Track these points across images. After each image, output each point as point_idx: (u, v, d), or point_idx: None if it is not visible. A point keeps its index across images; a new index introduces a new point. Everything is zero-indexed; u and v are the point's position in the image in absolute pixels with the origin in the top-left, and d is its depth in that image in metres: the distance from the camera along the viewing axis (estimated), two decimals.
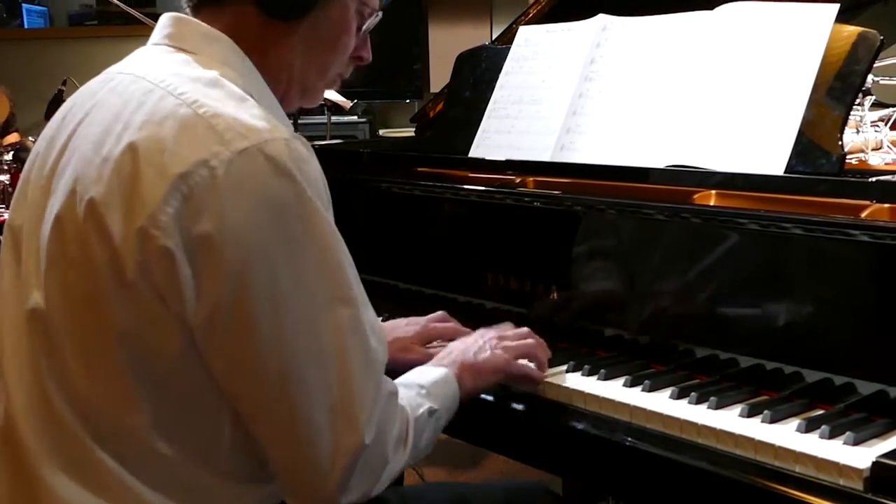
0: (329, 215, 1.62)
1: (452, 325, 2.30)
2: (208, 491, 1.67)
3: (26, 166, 1.81)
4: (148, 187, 1.52)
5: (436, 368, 1.97)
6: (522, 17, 3.08)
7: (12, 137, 6.81)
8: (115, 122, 1.61)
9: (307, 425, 1.59)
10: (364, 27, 1.89)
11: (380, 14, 1.93)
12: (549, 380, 2.08)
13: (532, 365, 2.09)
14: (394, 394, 1.73)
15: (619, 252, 2.25)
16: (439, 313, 2.32)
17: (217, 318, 1.53)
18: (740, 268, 2.01)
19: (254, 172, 1.52)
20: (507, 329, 2.13)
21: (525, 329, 2.13)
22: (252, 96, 1.68)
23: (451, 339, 2.24)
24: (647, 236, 2.19)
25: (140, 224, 1.51)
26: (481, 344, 2.06)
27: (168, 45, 1.76)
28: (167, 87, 1.63)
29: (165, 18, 1.80)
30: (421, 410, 1.81)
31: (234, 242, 1.50)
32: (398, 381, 1.85)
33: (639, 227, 2.21)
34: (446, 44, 7.99)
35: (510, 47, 2.79)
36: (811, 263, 1.91)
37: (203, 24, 1.76)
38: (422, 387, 1.87)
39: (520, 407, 2.08)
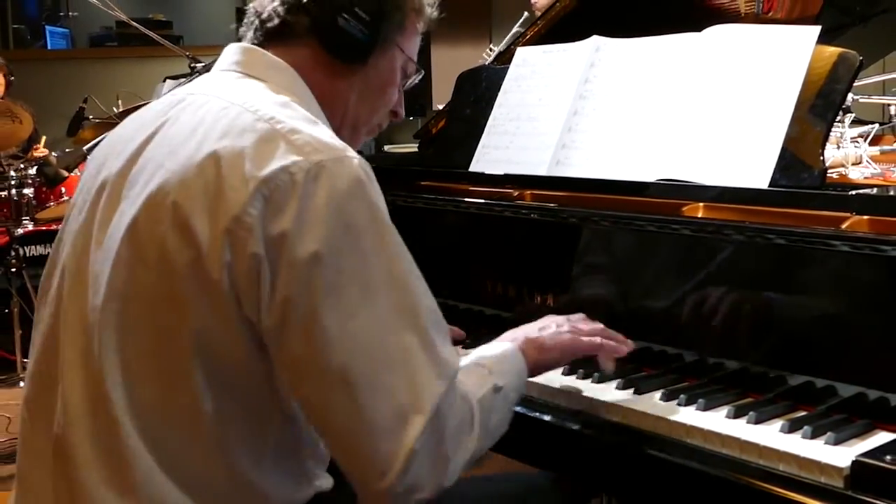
0: (396, 232, 1.65)
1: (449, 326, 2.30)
2: (246, 493, 1.67)
3: (87, 172, 1.83)
4: (232, 191, 1.55)
5: (498, 345, 1.93)
6: (520, 39, 3.09)
7: (41, 152, 6.83)
8: (193, 134, 1.65)
9: (369, 428, 1.55)
10: (405, 83, 1.99)
11: (421, 73, 2.01)
12: (542, 383, 2.08)
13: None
14: (453, 393, 1.65)
15: (611, 261, 2.25)
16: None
17: (287, 318, 1.54)
18: (727, 276, 2.01)
19: (330, 182, 1.55)
20: (576, 316, 2.07)
21: (583, 315, 2.08)
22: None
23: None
24: (638, 247, 2.19)
25: (226, 226, 1.54)
26: (547, 323, 2.02)
27: (237, 72, 1.81)
28: (244, 105, 1.67)
29: (234, 47, 1.86)
30: (484, 391, 1.75)
31: (308, 242, 1.52)
32: (462, 361, 1.81)
33: (630, 238, 2.21)
34: (448, 64, 7.98)
35: (508, 67, 2.79)
36: (794, 273, 1.91)
37: (271, 55, 1.83)
38: (482, 366, 1.82)
39: (519, 410, 2.08)
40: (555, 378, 2.10)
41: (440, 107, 3.39)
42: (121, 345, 1.62)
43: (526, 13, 5.36)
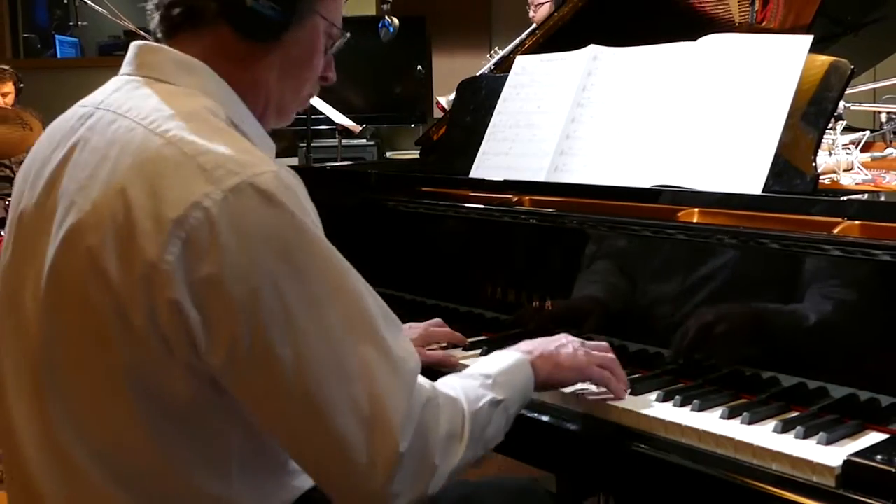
0: (324, 238, 1.55)
1: (448, 330, 2.31)
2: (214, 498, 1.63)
3: (12, 199, 1.74)
4: (144, 235, 1.45)
5: (509, 355, 1.87)
6: (520, 48, 3.09)
7: None
8: (102, 165, 1.54)
9: (341, 442, 1.50)
10: (331, 48, 1.83)
11: (346, 35, 1.86)
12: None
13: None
14: (432, 398, 1.61)
15: (608, 266, 2.25)
16: (436, 320, 2.34)
17: (237, 355, 1.46)
18: (721, 280, 2.02)
19: (247, 208, 1.46)
20: (596, 343, 2.03)
21: (605, 344, 2.04)
22: (234, 123, 1.63)
23: (447, 343, 2.25)
24: (634, 251, 2.19)
25: (141, 272, 1.45)
26: (564, 342, 1.95)
27: (142, 77, 1.68)
28: (150, 126, 1.55)
29: (134, 48, 1.72)
30: (482, 403, 1.70)
31: (239, 280, 1.44)
32: (465, 372, 1.79)
33: (627, 243, 2.21)
34: (448, 72, 8.01)
35: (508, 75, 2.79)
36: (787, 276, 1.91)
37: (176, 51, 1.69)
38: (487, 377, 1.76)
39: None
40: None
41: (442, 98, 3.38)
42: (60, 385, 1.57)
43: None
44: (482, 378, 1.75)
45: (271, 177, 1.49)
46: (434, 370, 1.80)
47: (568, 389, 2.01)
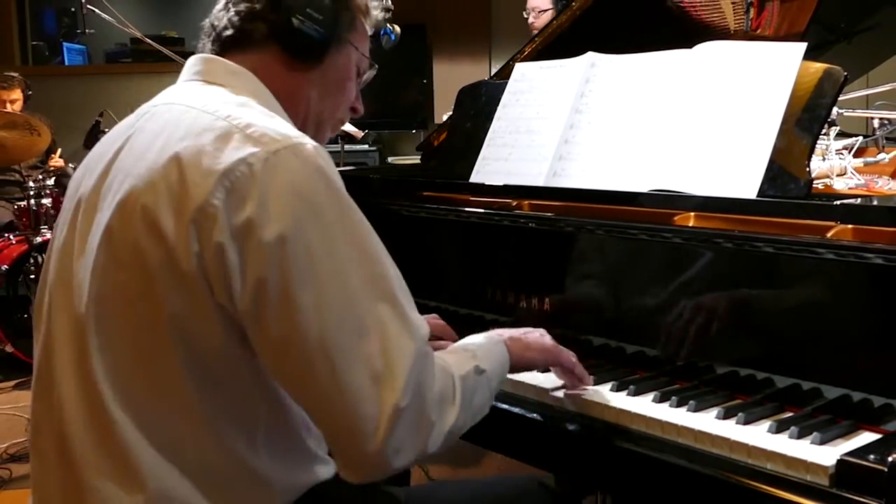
0: (357, 209, 1.65)
1: (442, 322, 2.34)
2: (246, 477, 1.69)
3: (68, 193, 1.85)
4: (194, 186, 1.57)
5: (483, 335, 1.95)
6: (519, 55, 3.09)
7: (58, 162, 6.84)
8: (156, 140, 1.67)
9: (352, 396, 1.56)
10: (361, 80, 2.00)
11: (375, 69, 2.03)
12: (540, 384, 2.09)
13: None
14: (427, 355, 1.66)
15: (606, 269, 2.25)
16: (432, 315, 2.35)
17: (261, 297, 1.54)
18: (716, 283, 2.02)
19: (288, 168, 1.57)
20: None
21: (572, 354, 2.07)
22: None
23: (442, 336, 2.27)
24: (631, 255, 2.19)
25: (191, 217, 1.56)
26: (530, 330, 2.04)
27: (198, 81, 1.83)
28: (203, 108, 1.70)
29: (194, 59, 1.88)
30: (467, 369, 1.77)
31: (273, 225, 1.53)
32: (447, 349, 1.87)
33: (624, 247, 2.21)
34: (449, 79, 8.01)
35: (507, 82, 2.79)
36: (781, 279, 1.92)
37: (229, 62, 1.84)
38: (468, 350, 1.85)
39: (515, 409, 2.09)
40: (552, 380, 2.10)
41: (447, 115, 3.39)
42: (106, 344, 1.64)
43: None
44: (464, 351, 1.84)
45: (311, 148, 1.63)
46: None
47: (549, 386, 2.05)
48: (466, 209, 2.60)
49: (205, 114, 1.68)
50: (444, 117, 3.40)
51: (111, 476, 1.63)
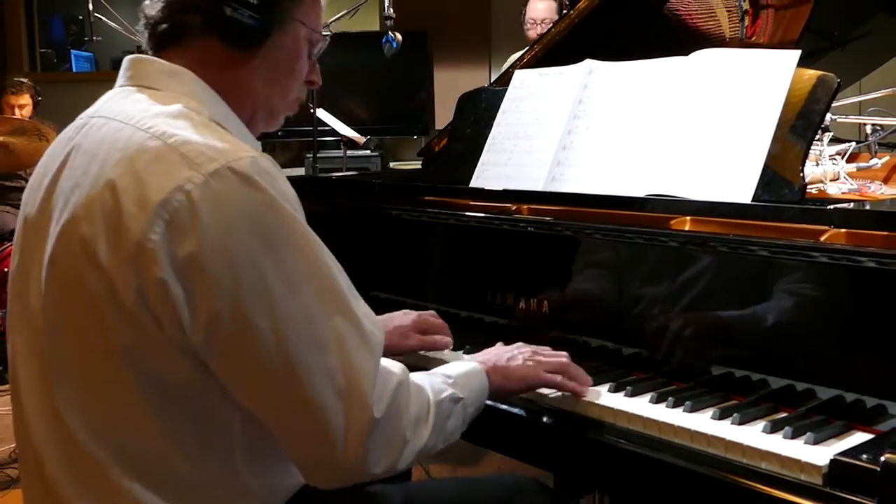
0: (303, 219, 1.59)
1: (441, 321, 2.33)
2: (227, 490, 1.66)
3: (20, 215, 1.78)
4: (130, 218, 1.50)
5: (466, 363, 1.94)
6: (518, 62, 3.10)
7: None
8: (93, 163, 1.59)
9: (320, 411, 1.55)
10: (314, 52, 1.87)
11: (328, 39, 1.89)
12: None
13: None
14: (404, 378, 1.68)
15: (603, 272, 2.25)
16: (430, 311, 2.35)
17: (218, 330, 1.50)
18: (712, 286, 2.02)
19: (227, 190, 1.50)
20: (544, 349, 2.08)
21: (563, 353, 2.08)
22: (217, 122, 1.66)
23: (440, 331, 2.29)
24: (628, 258, 2.19)
25: (129, 252, 1.49)
26: (514, 353, 2.02)
27: (132, 86, 1.73)
28: (136, 124, 1.60)
29: (126, 61, 1.77)
30: (444, 395, 1.78)
31: (219, 257, 1.48)
32: (429, 372, 1.84)
33: (621, 250, 2.21)
34: (449, 86, 8.01)
35: (507, 89, 2.80)
36: (775, 282, 1.91)
37: (164, 61, 1.73)
38: (448, 377, 1.83)
39: (515, 411, 2.09)
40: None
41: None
42: (64, 372, 1.61)
43: None
44: (444, 377, 1.82)
45: (249, 162, 1.53)
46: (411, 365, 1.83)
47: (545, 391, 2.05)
48: (466, 213, 2.60)
49: (138, 131, 1.58)
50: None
51: (86, 497, 1.61)
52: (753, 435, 1.76)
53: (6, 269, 6.00)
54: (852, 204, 2.14)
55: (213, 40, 1.72)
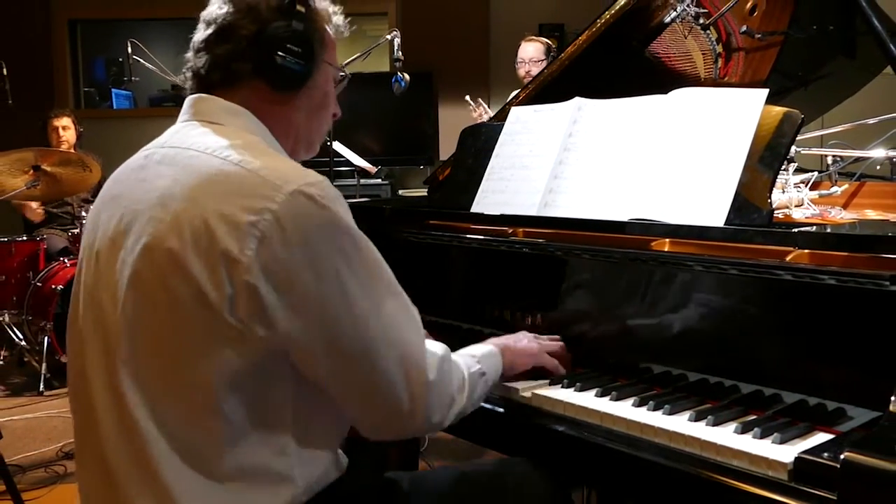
0: (357, 229, 1.69)
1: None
2: (265, 483, 1.67)
3: (86, 229, 1.82)
4: (224, 237, 1.55)
5: (485, 345, 2.08)
6: (514, 100, 3.10)
7: None
8: (173, 186, 1.64)
9: (386, 378, 1.68)
10: (338, 88, 1.97)
11: (348, 76, 2.01)
12: (535, 391, 2.09)
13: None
14: (446, 354, 1.82)
15: (591, 288, 2.25)
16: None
17: (309, 323, 1.59)
18: (688, 302, 2.02)
19: (303, 209, 1.58)
20: (549, 336, 2.25)
21: (557, 337, 2.25)
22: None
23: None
24: (613, 276, 2.20)
25: (223, 262, 1.55)
26: (521, 338, 2.19)
27: (196, 121, 1.79)
28: (211, 153, 1.67)
29: (189, 100, 1.83)
30: (474, 369, 1.92)
31: (303, 262, 1.57)
32: (458, 352, 1.96)
33: (607, 269, 2.22)
34: (452, 121, 8.03)
35: (504, 124, 2.80)
36: (745, 298, 1.92)
37: (223, 100, 1.80)
38: (474, 356, 1.98)
39: (513, 413, 2.09)
40: (543, 388, 2.11)
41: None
42: (140, 377, 1.63)
43: None
44: (470, 357, 1.98)
45: (317, 186, 1.62)
46: None
47: (562, 393, 2.03)
48: (468, 236, 2.61)
49: (214, 158, 1.65)
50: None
51: (145, 493, 1.62)
52: (726, 435, 1.76)
53: (55, 286, 6.04)
54: (815, 227, 2.14)
55: (261, 83, 1.80)
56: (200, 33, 1.81)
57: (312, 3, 1.85)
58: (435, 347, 1.79)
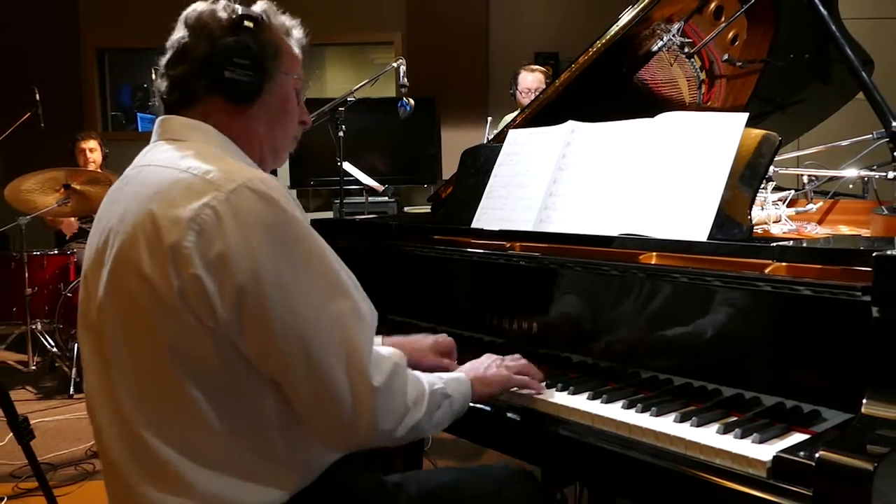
0: (306, 221, 1.66)
1: (451, 340, 2.32)
2: (261, 470, 1.68)
3: (86, 253, 1.83)
4: (167, 232, 1.57)
5: (454, 373, 2.01)
6: (512, 122, 3.11)
7: None
8: (136, 200, 1.66)
9: (330, 381, 1.62)
10: (301, 96, 1.93)
11: (309, 85, 1.98)
12: (523, 393, 2.09)
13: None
14: (400, 361, 1.75)
15: (583, 299, 2.25)
16: (442, 335, 2.34)
17: (243, 315, 1.57)
18: (674, 311, 2.02)
19: (246, 204, 1.58)
20: (509, 357, 2.15)
21: (518, 355, 2.15)
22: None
23: (448, 353, 2.29)
24: (604, 287, 2.20)
25: (169, 257, 1.56)
26: (489, 363, 2.08)
27: (162, 140, 1.80)
28: (169, 164, 1.69)
29: (157, 122, 1.84)
30: (436, 387, 1.84)
31: (242, 257, 1.55)
32: (424, 373, 1.87)
33: (598, 281, 2.22)
34: (454, 142, 8.04)
35: (502, 145, 2.81)
36: (727, 307, 1.92)
37: (184, 118, 1.80)
38: (440, 377, 1.90)
39: (511, 415, 2.09)
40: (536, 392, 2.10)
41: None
42: (125, 379, 1.66)
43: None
44: (437, 377, 1.90)
45: (259, 181, 1.61)
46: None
47: (555, 396, 2.03)
48: (468, 249, 2.61)
49: (170, 169, 1.67)
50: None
51: (155, 485, 1.64)
52: (709, 435, 1.76)
53: None
54: (792, 242, 2.14)
55: (217, 97, 1.79)
56: (163, 59, 1.82)
57: (266, 18, 1.84)
58: (387, 354, 1.73)
